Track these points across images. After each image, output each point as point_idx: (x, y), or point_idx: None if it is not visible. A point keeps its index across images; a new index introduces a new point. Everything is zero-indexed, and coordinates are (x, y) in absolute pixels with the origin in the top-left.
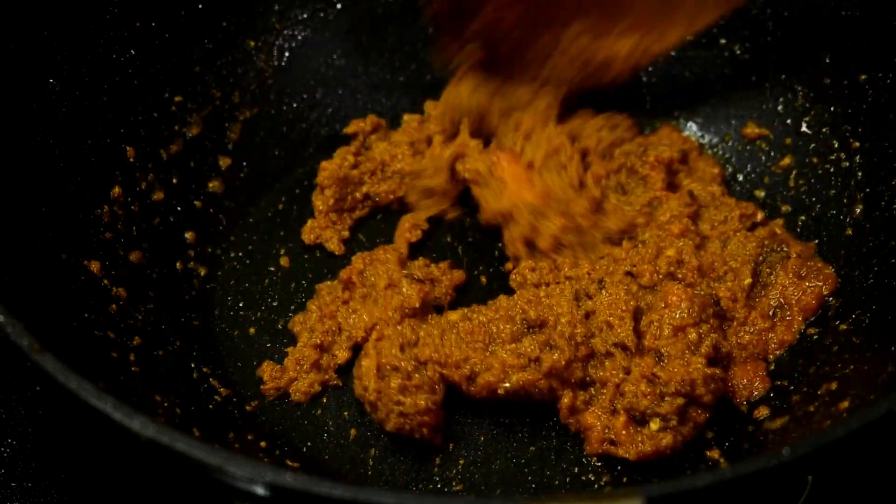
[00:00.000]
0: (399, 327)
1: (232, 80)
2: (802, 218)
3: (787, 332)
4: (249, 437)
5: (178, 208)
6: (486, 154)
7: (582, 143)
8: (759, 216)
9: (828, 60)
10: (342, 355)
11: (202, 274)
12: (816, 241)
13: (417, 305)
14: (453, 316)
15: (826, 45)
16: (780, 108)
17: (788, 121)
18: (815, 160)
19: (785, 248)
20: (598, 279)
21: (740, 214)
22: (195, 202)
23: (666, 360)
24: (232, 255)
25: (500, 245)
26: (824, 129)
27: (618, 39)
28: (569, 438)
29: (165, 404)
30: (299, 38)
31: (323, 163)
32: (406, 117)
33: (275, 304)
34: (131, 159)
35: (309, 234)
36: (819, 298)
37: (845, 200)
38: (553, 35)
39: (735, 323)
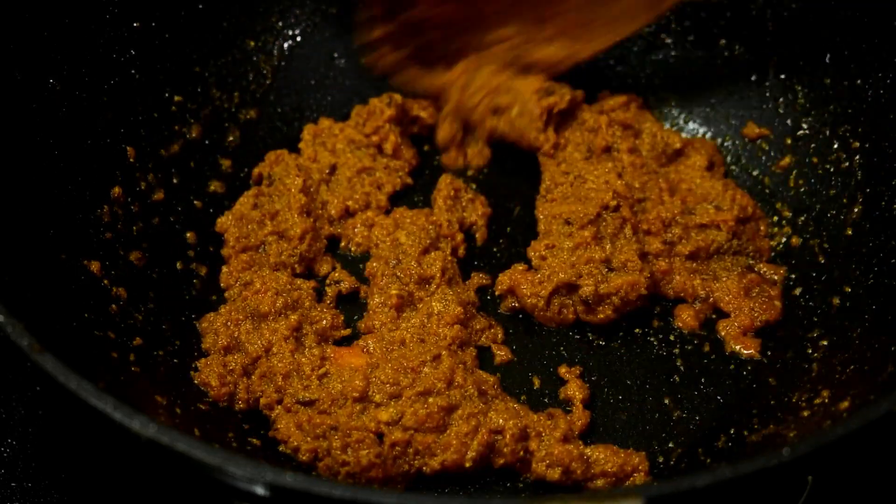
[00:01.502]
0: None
1: (232, 80)
2: (802, 218)
3: (692, 320)
4: (249, 437)
5: (178, 208)
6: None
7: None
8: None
9: (828, 60)
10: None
11: (202, 274)
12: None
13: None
14: (383, 415)
15: (826, 45)
16: (780, 108)
17: (788, 121)
18: (815, 160)
19: (752, 262)
20: None
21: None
22: (195, 202)
23: None
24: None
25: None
26: (824, 129)
27: (545, 43)
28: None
29: (165, 404)
30: (299, 38)
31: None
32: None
33: None
34: (131, 159)
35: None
36: (752, 323)
37: (845, 200)
38: (480, 36)
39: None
